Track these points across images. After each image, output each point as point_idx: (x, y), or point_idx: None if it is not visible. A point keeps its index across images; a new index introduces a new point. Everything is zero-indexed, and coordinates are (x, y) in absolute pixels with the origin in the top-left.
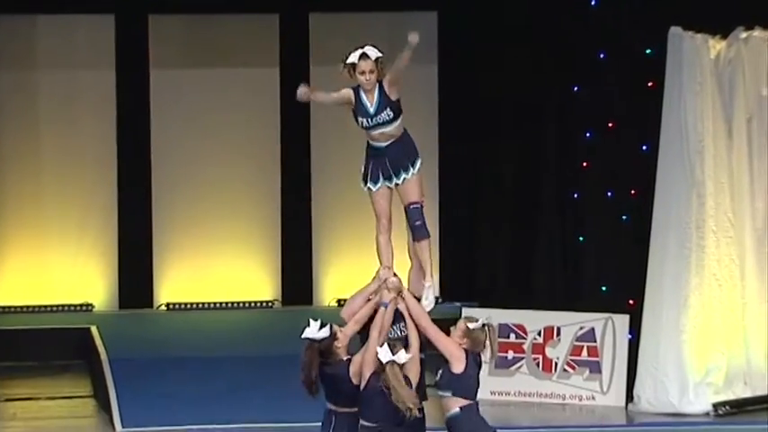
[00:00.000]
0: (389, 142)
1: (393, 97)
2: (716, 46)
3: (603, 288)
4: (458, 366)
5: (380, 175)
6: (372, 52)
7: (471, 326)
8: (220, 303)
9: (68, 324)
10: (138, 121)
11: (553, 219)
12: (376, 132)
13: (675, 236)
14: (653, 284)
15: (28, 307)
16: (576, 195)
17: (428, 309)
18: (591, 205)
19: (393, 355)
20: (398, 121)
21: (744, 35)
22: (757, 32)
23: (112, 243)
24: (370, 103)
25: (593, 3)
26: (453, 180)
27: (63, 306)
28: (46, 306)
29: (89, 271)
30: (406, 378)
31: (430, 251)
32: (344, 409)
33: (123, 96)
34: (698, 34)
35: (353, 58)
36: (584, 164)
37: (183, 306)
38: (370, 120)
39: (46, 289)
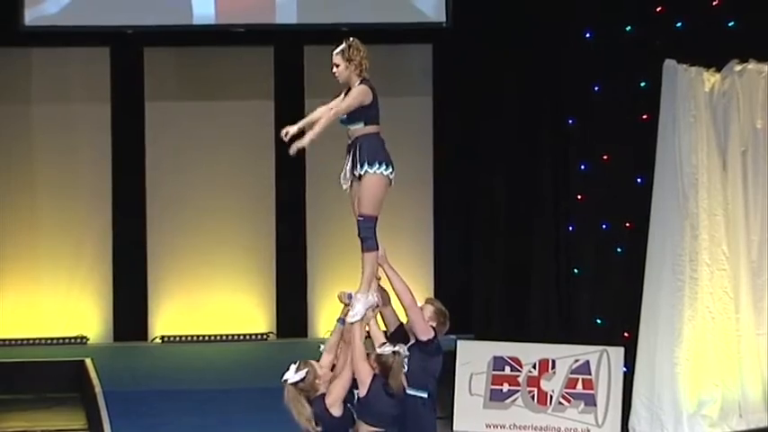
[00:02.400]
0: (355, 137)
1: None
2: (710, 79)
3: (598, 320)
4: (361, 390)
5: (347, 171)
6: (340, 46)
7: (380, 350)
8: (215, 336)
9: (63, 357)
10: (133, 153)
11: (548, 250)
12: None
13: (669, 268)
14: (647, 317)
15: (22, 340)
16: (570, 227)
17: (353, 320)
18: (586, 237)
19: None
20: (357, 126)
21: (738, 68)
22: (752, 65)
23: (107, 275)
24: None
25: (587, 35)
26: (448, 212)
27: (57, 339)
28: (40, 339)
29: (83, 303)
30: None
31: (374, 266)
32: None
33: (118, 129)
34: (692, 67)
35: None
36: (579, 196)
37: (177, 338)
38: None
39: (40, 322)
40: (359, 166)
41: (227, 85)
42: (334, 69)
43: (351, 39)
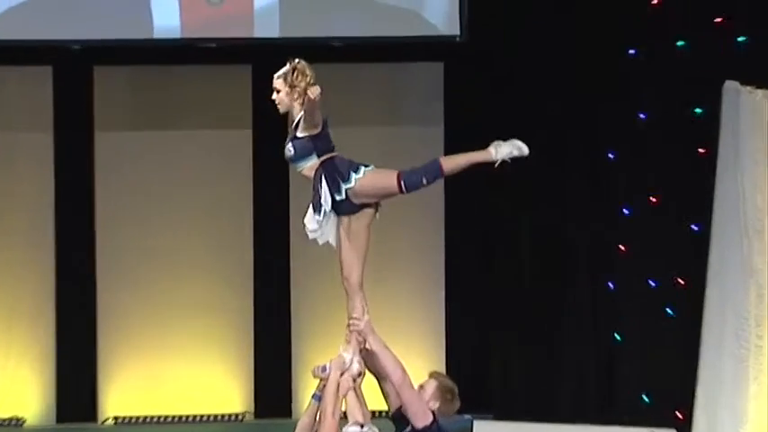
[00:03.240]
0: (313, 173)
1: (300, 132)
2: None
3: (644, 397)
4: None
5: (319, 212)
6: (282, 68)
7: (344, 430)
8: (179, 417)
9: None
10: (81, 193)
11: (583, 313)
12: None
13: (731, 334)
14: (704, 393)
15: None
16: (610, 285)
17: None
18: (629, 296)
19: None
20: (305, 163)
21: None
22: None
23: (48, 342)
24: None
25: (630, 52)
26: (461, 263)
27: None
28: None
29: (19, 378)
30: None
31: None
32: None
33: (62, 163)
34: (758, 90)
35: None
36: (622, 247)
37: (133, 420)
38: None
39: None
40: (341, 184)
41: (195, 112)
42: (274, 96)
43: (297, 60)
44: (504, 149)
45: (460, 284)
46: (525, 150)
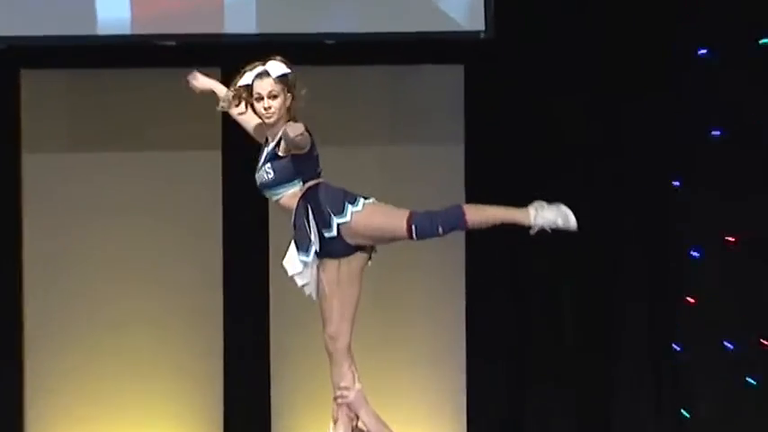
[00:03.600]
0: (292, 219)
1: (283, 152)
2: None
3: None
4: None
5: (305, 254)
6: (276, 67)
7: None
8: None
9: None
10: (5, 228)
11: (641, 381)
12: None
13: None
14: None
15: None
16: (677, 347)
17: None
18: (700, 362)
19: None
20: (286, 189)
21: None
22: None
23: None
24: (266, 148)
25: (701, 53)
26: (487, 317)
27: None
28: None
29: None
30: None
31: None
32: None
33: None
34: None
35: (248, 77)
36: (691, 299)
37: None
38: (256, 176)
39: None
40: (331, 217)
41: (152, 127)
42: (267, 102)
43: (279, 57)
44: (548, 215)
45: (487, 341)
46: (572, 223)
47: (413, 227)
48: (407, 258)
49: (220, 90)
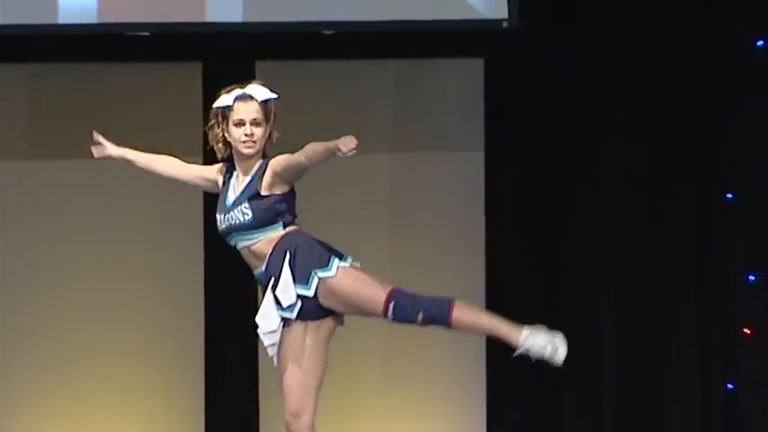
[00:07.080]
0: (263, 266)
1: (265, 190)
2: None
3: None
4: None
5: (277, 315)
6: (260, 91)
7: None
8: None
9: None
10: None
11: (692, 420)
12: (237, 248)
13: None
14: None
15: None
16: (729, 385)
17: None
18: (757, 400)
19: None
20: (264, 234)
21: None
22: None
23: None
24: (238, 185)
25: (759, 44)
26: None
27: None
28: None
29: None
30: None
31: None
32: None
33: None
34: None
35: (227, 99)
36: (747, 330)
37: None
38: (223, 217)
39: None
40: (312, 272)
41: (123, 130)
42: (250, 129)
43: (259, 81)
44: (539, 342)
45: (511, 368)
46: (559, 359)
47: (390, 304)
48: (430, 259)
49: (136, 157)
